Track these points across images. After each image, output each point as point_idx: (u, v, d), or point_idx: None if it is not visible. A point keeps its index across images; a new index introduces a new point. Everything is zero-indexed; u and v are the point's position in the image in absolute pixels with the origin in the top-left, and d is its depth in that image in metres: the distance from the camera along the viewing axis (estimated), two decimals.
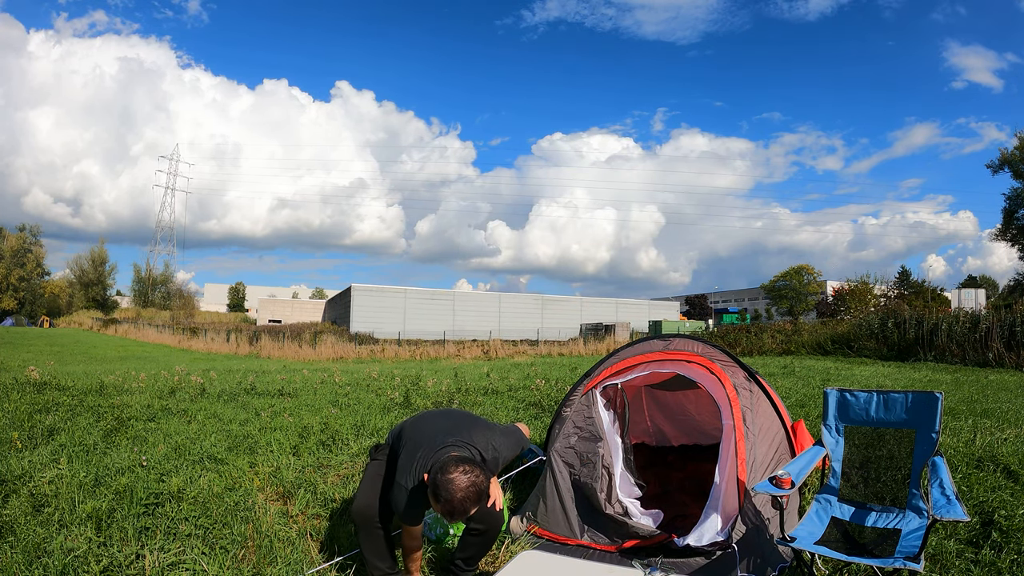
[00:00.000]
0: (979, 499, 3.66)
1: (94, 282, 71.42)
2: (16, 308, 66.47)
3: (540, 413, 6.87)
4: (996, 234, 44.48)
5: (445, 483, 2.31)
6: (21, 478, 3.92)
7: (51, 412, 6.21)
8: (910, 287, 50.47)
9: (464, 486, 2.31)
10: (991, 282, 66.40)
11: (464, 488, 2.30)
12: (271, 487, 4.05)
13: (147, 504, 3.49)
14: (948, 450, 4.70)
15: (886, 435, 3.04)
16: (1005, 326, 14.16)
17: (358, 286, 49.06)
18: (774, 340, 20.29)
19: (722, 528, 3.12)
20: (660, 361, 3.89)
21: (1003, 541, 3.07)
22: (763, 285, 72.87)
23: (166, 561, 2.84)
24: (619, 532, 3.35)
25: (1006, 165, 41.66)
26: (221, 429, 5.76)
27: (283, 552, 3.04)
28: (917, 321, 15.97)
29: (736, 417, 3.36)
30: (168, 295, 72.76)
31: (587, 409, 3.79)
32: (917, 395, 2.99)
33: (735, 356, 3.91)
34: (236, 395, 8.22)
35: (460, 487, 2.30)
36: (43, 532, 3.09)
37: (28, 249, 69.82)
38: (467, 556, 2.80)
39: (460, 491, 2.30)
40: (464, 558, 2.80)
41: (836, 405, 3.22)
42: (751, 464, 3.23)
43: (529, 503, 3.70)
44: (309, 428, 5.73)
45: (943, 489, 2.51)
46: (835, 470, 3.13)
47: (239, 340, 27.65)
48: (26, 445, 4.85)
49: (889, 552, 2.50)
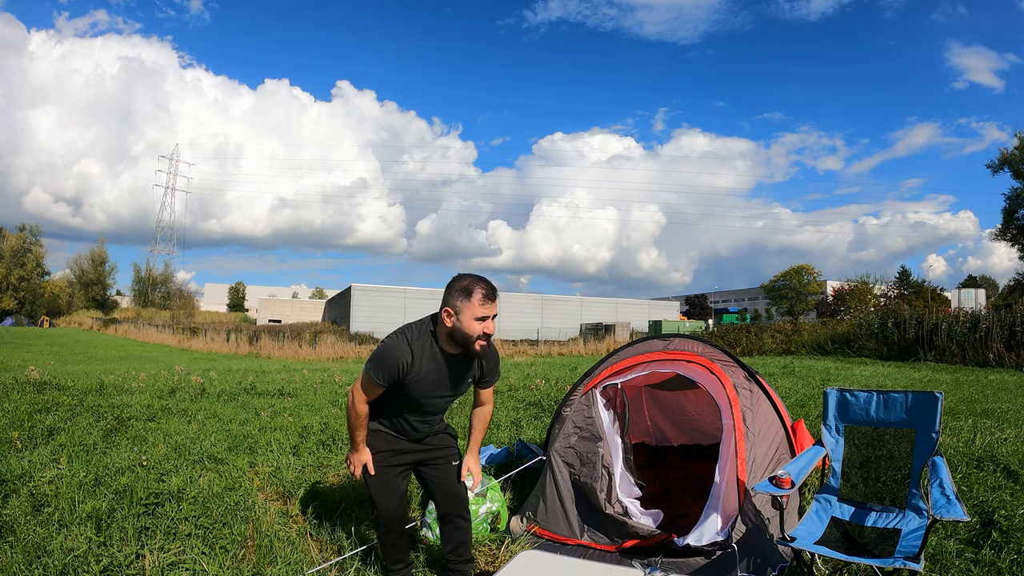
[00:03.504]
0: (979, 499, 3.66)
1: (94, 282, 71.41)
2: (16, 308, 66.45)
3: (540, 413, 6.87)
4: (996, 234, 44.50)
5: (467, 276, 2.44)
6: (21, 478, 3.92)
7: (51, 412, 6.22)
8: (910, 287, 50.49)
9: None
10: (991, 282, 66.41)
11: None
12: (271, 487, 4.06)
13: (147, 504, 3.49)
14: (948, 450, 4.70)
15: (886, 435, 3.04)
16: (1005, 326, 14.16)
17: (358, 286, 49.04)
18: (774, 340, 20.29)
19: (722, 528, 3.11)
20: (660, 361, 3.88)
21: (1003, 541, 3.07)
22: (763, 285, 72.88)
23: (166, 561, 2.84)
24: (619, 532, 3.35)
25: (1006, 165, 41.64)
26: (221, 429, 5.76)
27: (283, 552, 3.04)
28: (917, 321, 15.97)
29: (736, 417, 3.36)
30: (168, 295, 72.72)
31: (587, 409, 3.79)
32: (917, 395, 2.98)
33: (735, 356, 3.91)
34: (236, 395, 8.22)
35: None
36: (43, 532, 3.09)
37: (28, 249, 69.80)
38: (452, 547, 2.79)
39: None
40: (451, 550, 2.80)
41: (836, 405, 3.22)
42: (751, 464, 3.23)
43: (529, 503, 3.70)
44: (309, 428, 5.74)
45: (943, 489, 2.51)
46: (835, 470, 3.13)
47: (239, 340, 27.63)
48: (26, 445, 4.86)
49: (889, 552, 2.50)
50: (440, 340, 2.50)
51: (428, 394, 2.57)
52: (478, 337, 2.43)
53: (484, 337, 2.45)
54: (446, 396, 2.64)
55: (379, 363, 2.45)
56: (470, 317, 2.39)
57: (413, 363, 2.45)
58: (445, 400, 2.66)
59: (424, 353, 2.48)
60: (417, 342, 2.48)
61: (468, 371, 2.64)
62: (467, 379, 2.67)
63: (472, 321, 2.40)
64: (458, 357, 2.54)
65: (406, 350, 2.45)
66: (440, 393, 2.60)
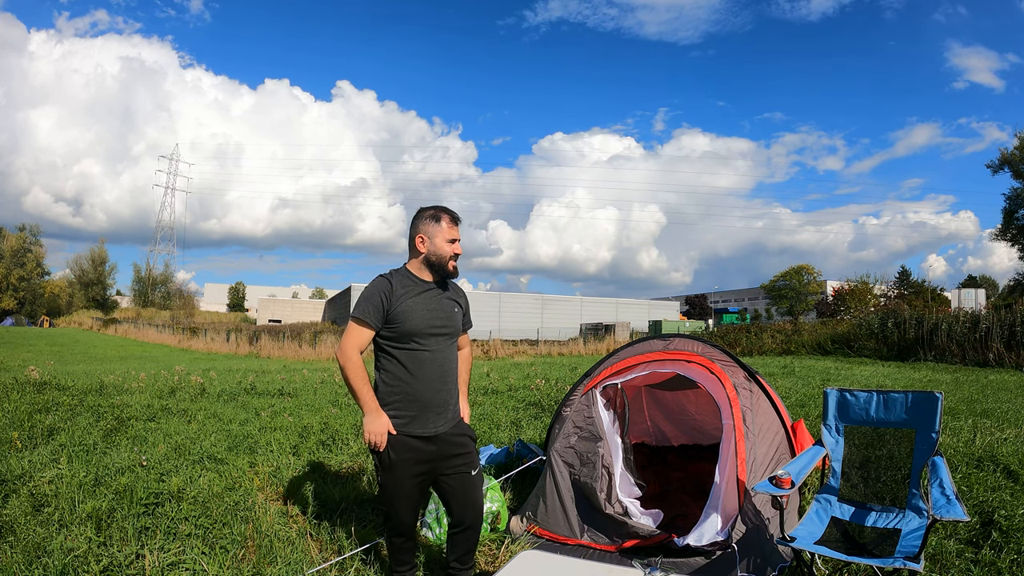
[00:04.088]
0: (979, 499, 3.66)
1: (94, 282, 71.41)
2: (16, 308, 66.45)
3: (540, 413, 6.87)
4: (996, 234, 44.45)
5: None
6: (21, 478, 3.92)
7: (51, 412, 6.22)
8: (910, 287, 50.48)
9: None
10: (991, 282, 66.38)
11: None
12: (271, 487, 4.06)
13: (147, 504, 3.49)
14: (948, 450, 4.70)
15: (886, 435, 3.04)
16: (1005, 326, 14.15)
17: (358, 286, 49.03)
18: (774, 340, 20.28)
19: (722, 528, 3.11)
20: (660, 361, 3.88)
21: (1003, 541, 3.07)
22: (763, 285, 72.86)
23: (166, 561, 2.84)
24: (619, 532, 3.34)
25: (1006, 165, 41.60)
26: (221, 429, 5.76)
27: (283, 552, 3.04)
28: (917, 321, 15.96)
29: (736, 417, 3.36)
30: (168, 295, 72.71)
31: (587, 409, 3.79)
32: (917, 395, 2.98)
33: (735, 356, 3.91)
34: (236, 395, 8.22)
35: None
36: (43, 532, 3.09)
37: (28, 249, 69.80)
38: (459, 555, 2.77)
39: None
40: (457, 558, 2.77)
41: (836, 405, 3.22)
42: (751, 464, 3.23)
43: (529, 503, 3.70)
44: (309, 428, 5.74)
45: (943, 489, 2.51)
46: (835, 470, 3.13)
47: (239, 340, 27.62)
48: (26, 445, 4.86)
49: (889, 552, 2.50)
50: (414, 271, 2.63)
51: (426, 325, 2.54)
52: (451, 258, 2.61)
53: (455, 258, 2.63)
54: (445, 330, 2.62)
55: (364, 300, 2.52)
56: (442, 239, 2.59)
57: (393, 289, 2.53)
58: (446, 337, 2.64)
59: (402, 281, 2.59)
60: (393, 275, 2.61)
61: (451, 304, 2.68)
62: (454, 312, 2.68)
63: (444, 243, 2.59)
64: (434, 286, 2.64)
65: (383, 281, 2.56)
66: (437, 325, 2.58)
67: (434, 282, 2.64)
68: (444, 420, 2.63)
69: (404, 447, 2.56)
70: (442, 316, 2.62)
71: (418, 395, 2.56)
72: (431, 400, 2.59)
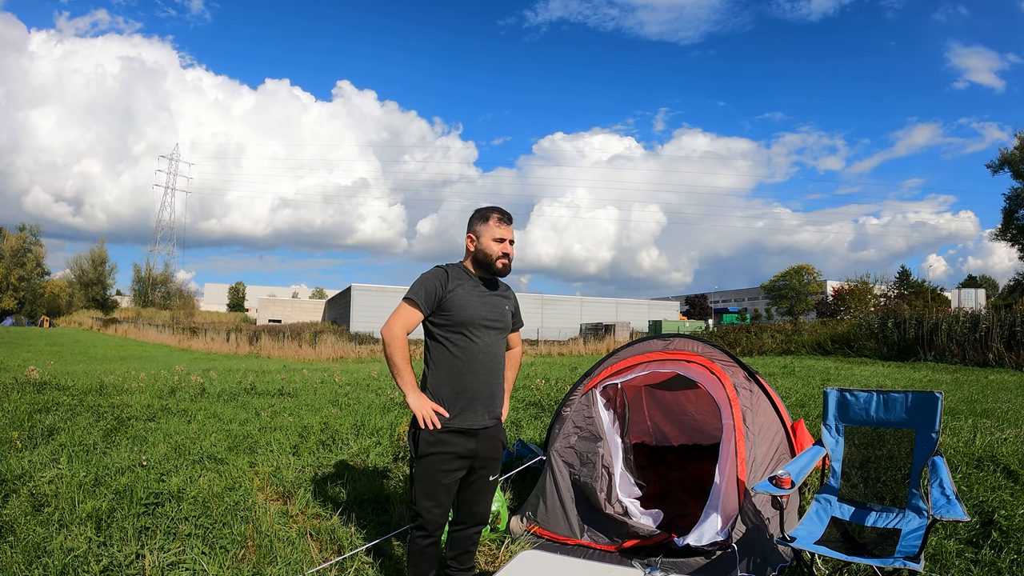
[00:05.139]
0: (979, 499, 3.66)
1: (94, 282, 71.38)
2: (16, 308, 66.46)
3: (540, 413, 6.87)
4: (996, 234, 44.43)
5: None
6: (21, 478, 3.92)
7: (51, 412, 6.22)
8: (910, 287, 50.43)
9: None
10: (991, 282, 66.36)
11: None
12: (271, 487, 4.06)
13: (147, 504, 3.49)
14: (948, 450, 4.70)
15: (886, 435, 3.04)
16: (1005, 326, 14.15)
17: (358, 286, 49.01)
18: (774, 340, 20.29)
19: (722, 528, 3.11)
20: (660, 361, 3.88)
21: (1003, 541, 3.07)
22: (763, 285, 72.87)
23: (166, 561, 2.84)
24: (619, 532, 3.35)
25: (1006, 165, 41.59)
26: (221, 429, 5.76)
27: (283, 552, 3.04)
28: (917, 321, 15.97)
29: (736, 417, 3.36)
30: (168, 295, 72.69)
31: (587, 409, 3.79)
32: (917, 395, 2.98)
33: (735, 356, 3.91)
34: (236, 395, 8.22)
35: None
36: (43, 532, 3.09)
37: (28, 249, 69.80)
38: (458, 554, 2.74)
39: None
40: (455, 556, 2.74)
41: (836, 405, 3.22)
42: (751, 464, 3.23)
43: (529, 503, 3.70)
44: (309, 428, 5.74)
45: (943, 489, 2.51)
46: (835, 470, 3.13)
47: (239, 340, 27.62)
48: (26, 445, 4.85)
49: (889, 552, 2.50)
50: (468, 267, 2.70)
51: (479, 316, 2.58)
52: (499, 257, 2.66)
53: (504, 257, 2.68)
54: (497, 324, 2.65)
55: (418, 284, 2.57)
56: (489, 238, 2.65)
57: (449, 278, 2.59)
58: (498, 332, 2.66)
59: (458, 273, 2.65)
60: (449, 267, 2.68)
61: (503, 301, 2.73)
62: (506, 309, 2.72)
63: (491, 242, 2.65)
64: (487, 282, 2.70)
65: (439, 270, 2.64)
66: (489, 317, 2.62)
67: (485, 279, 2.70)
68: (491, 415, 2.63)
69: (445, 441, 2.53)
70: (494, 310, 2.66)
71: (468, 385, 2.57)
72: (480, 391, 2.59)
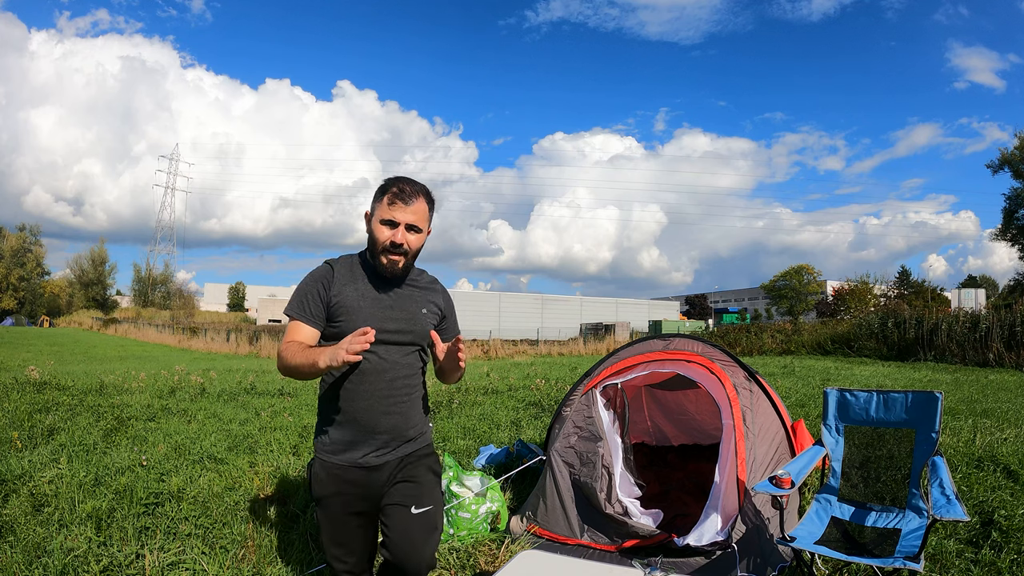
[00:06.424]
0: (979, 499, 3.66)
1: (94, 282, 71.41)
2: (16, 308, 66.45)
3: (540, 413, 6.87)
4: (996, 234, 44.44)
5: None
6: (21, 478, 3.92)
7: (51, 412, 6.22)
8: (910, 287, 50.45)
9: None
10: (991, 282, 66.38)
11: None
12: (271, 487, 4.06)
13: (147, 504, 3.49)
14: (948, 450, 4.70)
15: (886, 435, 3.04)
16: (1005, 326, 14.15)
17: None
18: (774, 340, 20.29)
19: (722, 528, 3.11)
20: (660, 361, 3.88)
21: (1003, 541, 3.07)
22: (763, 285, 72.81)
23: (166, 561, 2.84)
24: (619, 532, 3.34)
25: (1006, 165, 41.59)
26: (221, 429, 5.76)
27: (283, 552, 3.04)
28: (917, 321, 15.97)
29: (736, 417, 3.36)
30: (168, 295, 72.76)
31: (587, 409, 3.79)
32: (917, 395, 2.98)
33: (735, 356, 3.91)
34: (236, 395, 8.22)
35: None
36: (43, 532, 3.09)
37: (28, 249, 69.83)
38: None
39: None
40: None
41: (836, 405, 3.22)
42: (751, 464, 3.23)
43: (529, 503, 3.70)
44: (309, 428, 5.74)
45: (943, 489, 2.51)
46: (835, 470, 3.13)
47: (239, 340, 27.60)
48: (26, 445, 4.85)
49: (889, 552, 2.50)
50: (369, 257, 2.03)
51: (372, 323, 1.86)
52: (384, 248, 1.92)
53: (393, 249, 1.91)
54: (398, 337, 1.97)
55: (296, 293, 2.00)
56: (377, 220, 1.92)
57: (334, 278, 1.97)
58: (401, 345, 1.98)
59: (347, 267, 2.01)
60: (340, 261, 2.05)
61: (418, 303, 2.04)
62: (420, 312, 2.03)
63: (378, 224, 1.92)
64: (389, 279, 2.00)
65: (323, 268, 2.02)
66: (390, 328, 1.94)
67: (396, 274, 1.98)
68: (395, 449, 2.01)
69: (337, 479, 1.99)
70: (397, 316, 1.98)
71: (358, 416, 1.96)
72: (376, 424, 1.97)
